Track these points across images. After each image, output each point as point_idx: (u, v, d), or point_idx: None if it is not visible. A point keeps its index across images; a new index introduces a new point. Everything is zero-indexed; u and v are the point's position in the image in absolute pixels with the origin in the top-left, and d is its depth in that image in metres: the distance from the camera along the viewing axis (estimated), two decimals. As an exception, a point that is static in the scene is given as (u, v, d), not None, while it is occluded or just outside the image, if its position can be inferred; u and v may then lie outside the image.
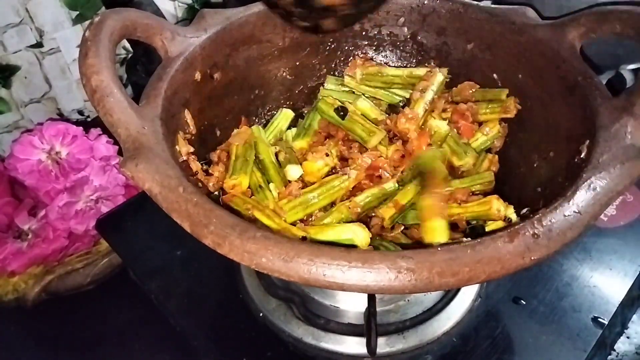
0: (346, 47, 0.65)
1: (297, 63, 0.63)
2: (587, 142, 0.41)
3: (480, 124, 0.59)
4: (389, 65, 0.66)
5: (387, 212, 0.51)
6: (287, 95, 0.65)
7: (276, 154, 0.58)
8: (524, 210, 0.47)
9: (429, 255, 0.31)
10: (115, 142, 0.75)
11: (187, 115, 0.50)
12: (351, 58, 0.65)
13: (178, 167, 0.38)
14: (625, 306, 0.58)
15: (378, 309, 0.51)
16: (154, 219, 0.67)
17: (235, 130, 0.57)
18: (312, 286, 0.45)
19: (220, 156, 0.55)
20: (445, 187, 0.51)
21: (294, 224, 0.49)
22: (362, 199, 0.52)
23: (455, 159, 0.56)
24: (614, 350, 0.63)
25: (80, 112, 0.92)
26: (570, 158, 0.44)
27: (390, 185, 0.53)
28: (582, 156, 0.41)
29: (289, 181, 0.55)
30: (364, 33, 0.64)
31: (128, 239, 0.67)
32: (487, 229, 0.49)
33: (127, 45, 0.91)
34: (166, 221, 0.35)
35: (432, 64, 0.64)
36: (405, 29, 0.63)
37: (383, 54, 0.66)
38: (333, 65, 0.65)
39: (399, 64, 0.65)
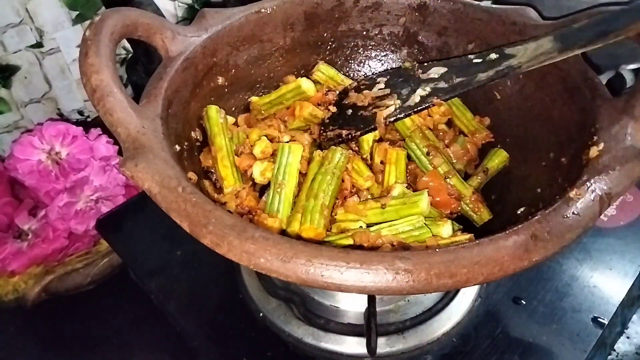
0: (347, 47, 0.65)
1: (298, 62, 0.63)
2: (587, 143, 0.41)
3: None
4: (389, 65, 0.66)
5: None
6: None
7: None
8: (521, 210, 0.47)
9: (427, 256, 0.31)
10: (116, 142, 0.75)
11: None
12: (352, 58, 0.66)
13: (178, 166, 0.38)
14: (625, 306, 0.58)
15: (378, 309, 0.51)
16: (154, 219, 0.67)
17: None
18: (310, 287, 0.45)
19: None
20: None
21: None
22: None
23: None
24: (614, 350, 0.63)
25: (80, 112, 0.92)
26: (570, 159, 0.44)
27: None
28: (581, 158, 0.41)
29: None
30: (364, 33, 0.64)
31: (128, 239, 0.67)
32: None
33: (127, 45, 0.91)
34: (166, 221, 0.35)
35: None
36: (406, 29, 0.63)
37: (383, 53, 0.66)
38: (334, 65, 0.65)
39: (400, 64, 0.65)
